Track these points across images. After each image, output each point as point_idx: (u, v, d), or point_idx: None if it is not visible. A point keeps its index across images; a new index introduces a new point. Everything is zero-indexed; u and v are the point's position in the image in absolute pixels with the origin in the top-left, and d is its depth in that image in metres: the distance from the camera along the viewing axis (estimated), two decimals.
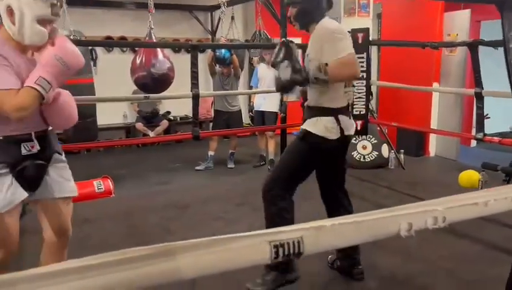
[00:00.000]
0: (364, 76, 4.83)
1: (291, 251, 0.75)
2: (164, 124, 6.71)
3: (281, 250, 0.75)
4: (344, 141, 2.34)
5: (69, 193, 1.96)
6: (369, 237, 0.82)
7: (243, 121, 5.87)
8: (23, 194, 1.80)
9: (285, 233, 0.74)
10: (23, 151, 1.79)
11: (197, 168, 5.31)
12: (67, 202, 1.97)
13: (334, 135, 2.27)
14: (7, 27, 1.73)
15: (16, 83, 1.69)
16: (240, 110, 5.52)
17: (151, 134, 6.49)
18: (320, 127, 2.27)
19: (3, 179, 1.75)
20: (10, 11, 1.70)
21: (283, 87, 2.29)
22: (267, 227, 2.20)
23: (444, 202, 0.89)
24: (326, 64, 2.15)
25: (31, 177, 1.82)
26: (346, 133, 2.29)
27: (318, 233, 0.76)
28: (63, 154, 1.99)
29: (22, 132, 1.79)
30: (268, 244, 0.74)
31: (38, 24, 1.71)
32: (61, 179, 1.93)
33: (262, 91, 5.25)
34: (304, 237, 0.74)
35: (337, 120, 2.27)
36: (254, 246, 0.75)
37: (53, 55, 1.70)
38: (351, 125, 2.35)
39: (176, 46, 6.68)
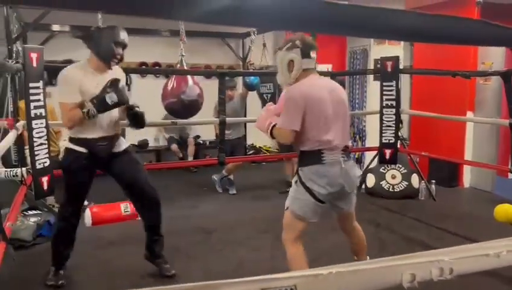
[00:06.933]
0: (394, 104, 4.76)
1: None
2: (191, 141, 6.90)
3: None
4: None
5: None
6: (368, 287, 0.79)
7: (245, 149, 6.09)
8: None
9: (279, 281, 0.73)
10: None
11: (231, 192, 5.37)
12: None
13: None
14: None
15: None
16: (239, 138, 5.50)
17: (183, 155, 6.75)
18: None
19: None
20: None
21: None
22: None
23: (452, 251, 0.85)
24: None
25: None
26: None
27: (314, 281, 0.74)
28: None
29: None
30: None
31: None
32: None
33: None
34: (298, 285, 0.73)
35: None
36: None
37: None
38: None
39: (205, 74, 6.80)
